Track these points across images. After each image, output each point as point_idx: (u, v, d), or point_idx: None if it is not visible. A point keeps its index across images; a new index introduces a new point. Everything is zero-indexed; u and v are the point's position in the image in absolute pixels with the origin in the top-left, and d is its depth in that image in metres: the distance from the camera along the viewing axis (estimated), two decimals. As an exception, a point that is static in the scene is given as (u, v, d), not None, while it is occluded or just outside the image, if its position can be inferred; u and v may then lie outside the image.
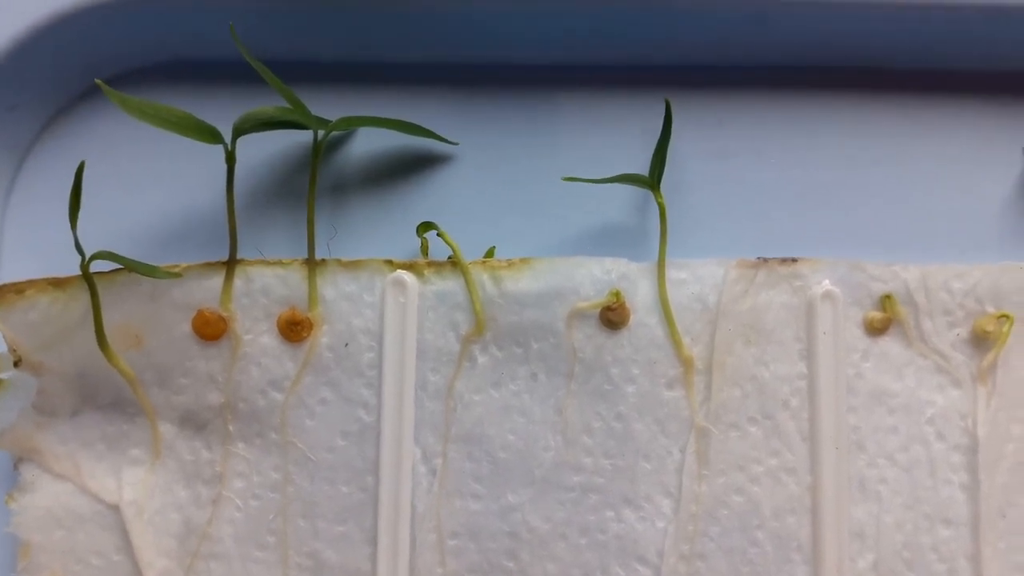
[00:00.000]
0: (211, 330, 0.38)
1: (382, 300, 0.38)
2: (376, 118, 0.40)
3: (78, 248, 0.36)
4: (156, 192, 0.41)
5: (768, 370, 0.39)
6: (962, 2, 0.39)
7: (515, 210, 0.41)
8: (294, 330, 0.38)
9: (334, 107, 0.40)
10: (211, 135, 0.37)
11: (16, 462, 0.38)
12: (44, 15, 0.39)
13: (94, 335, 0.37)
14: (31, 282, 0.38)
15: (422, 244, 0.40)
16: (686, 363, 0.38)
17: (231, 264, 0.38)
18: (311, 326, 0.38)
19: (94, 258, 0.36)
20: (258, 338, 0.38)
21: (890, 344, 0.39)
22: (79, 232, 0.36)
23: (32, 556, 0.38)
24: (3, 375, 0.39)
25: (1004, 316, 0.39)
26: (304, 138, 0.41)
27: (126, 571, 0.38)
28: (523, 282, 0.38)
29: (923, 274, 0.39)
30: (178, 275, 0.38)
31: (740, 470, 0.38)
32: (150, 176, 0.41)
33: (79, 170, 0.35)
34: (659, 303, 0.39)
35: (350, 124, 0.40)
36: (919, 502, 0.38)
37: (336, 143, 0.42)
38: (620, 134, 0.42)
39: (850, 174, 0.42)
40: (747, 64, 0.42)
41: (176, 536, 0.38)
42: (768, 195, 0.42)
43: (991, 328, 0.39)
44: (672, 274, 0.39)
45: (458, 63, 0.42)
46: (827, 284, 0.39)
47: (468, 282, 0.38)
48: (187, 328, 0.38)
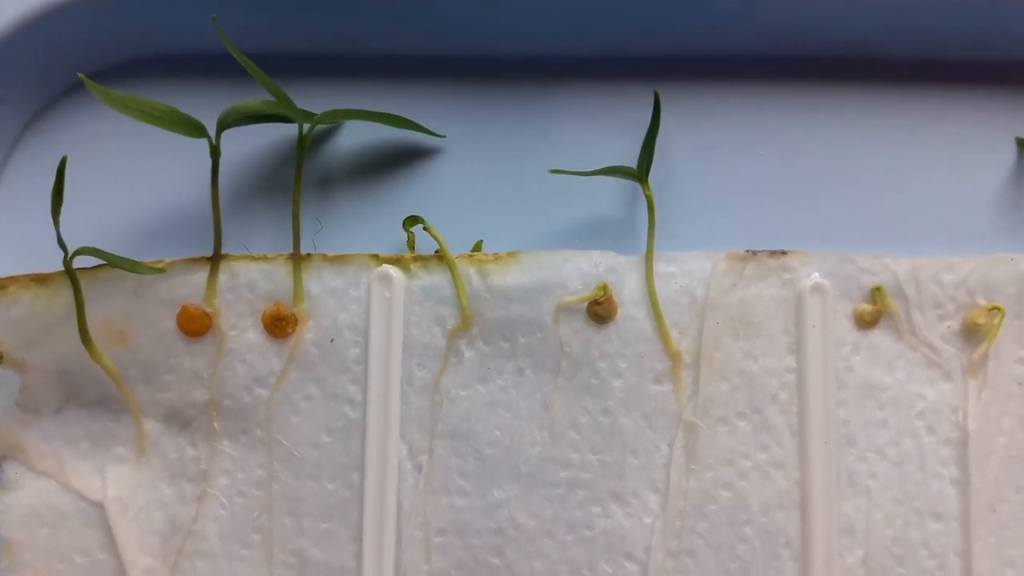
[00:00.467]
0: (196, 326, 0.38)
1: (368, 295, 0.38)
2: (362, 111, 0.40)
3: (61, 244, 0.35)
4: (140, 187, 0.41)
5: (757, 364, 0.38)
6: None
7: (502, 203, 0.41)
8: (279, 326, 0.38)
9: (320, 100, 0.40)
10: (195, 129, 0.37)
11: (-1, 460, 0.38)
12: (28, 10, 0.39)
13: (77, 332, 0.37)
14: (13, 278, 0.38)
15: (408, 238, 0.40)
16: (674, 357, 0.38)
17: (216, 259, 0.38)
18: (296, 321, 0.38)
19: (77, 254, 0.36)
20: (243, 334, 0.38)
21: (880, 337, 0.39)
22: (63, 228, 0.35)
23: (15, 554, 0.37)
24: (-14, 372, 0.38)
25: (995, 308, 0.39)
26: (289, 132, 0.41)
27: (110, 569, 0.38)
28: (510, 276, 0.38)
29: (914, 266, 0.39)
30: (162, 270, 0.37)
31: (728, 465, 0.38)
32: (134, 171, 0.41)
33: (61, 165, 0.35)
34: (647, 297, 0.38)
35: (336, 117, 0.39)
36: (909, 497, 0.38)
37: (322, 137, 0.42)
38: (608, 126, 0.42)
39: (840, 165, 0.42)
40: (736, 55, 0.42)
41: (161, 534, 0.38)
42: (757, 187, 0.42)
43: (982, 321, 0.38)
44: (660, 267, 0.39)
45: (445, 55, 0.42)
46: (816, 277, 0.39)
47: (455, 276, 0.38)
48: (172, 324, 0.38)
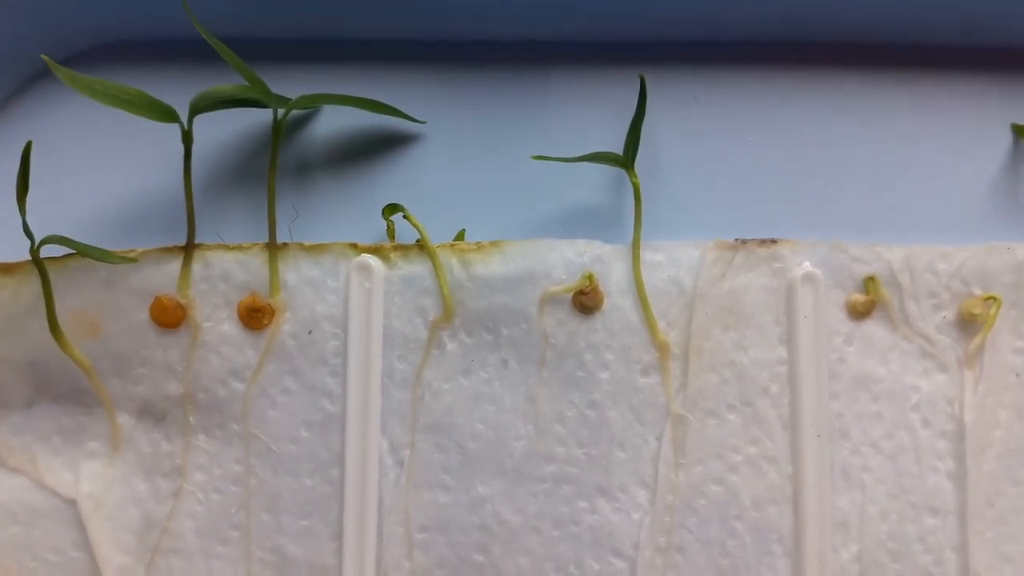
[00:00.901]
0: (169, 317, 0.37)
1: (346, 285, 0.38)
2: (339, 96, 0.39)
3: (27, 232, 0.35)
4: (111, 175, 0.40)
5: (747, 355, 0.38)
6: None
7: (485, 191, 0.41)
8: (255, 317, 0.37)
9: (296, 86, 0.39)
10: (166, 114, 0.36)
11: (-32, 456, 0.37)
12: (-7, -7, 0.38)
13: (46, 323, 0.36)
14: (-22, 268, 0.37)
15: (388, 227, 0.39)
16: (662, 348, 0.38)
17: (189, 249, 0.38)
18: (273, 313, 0.37)
19: (44, 242, 0.35)
20: (218, 326, 0.38)
21: (874, 328, 0.38)
22: (31, 216, 0.35)
23: (-16, 553, 0.37)
24: (-46, 366, 0.38)
25: (991, 298, 0.38)
26: (264, 117, 0.40)
27: (84, 568, 0.37)
28: (493, 266, 0.38)
29: (907, 255, 0.39)
30: (133, 260, 0.37)
31: (718, 459, 0.37)
32: (104, 158, 0.40)
33: (26, 151, 0.35)
34: (634, 286, 0.38)
35: (312, 102, 0.39)
36: (904, 491, 0.38)
37: (298, 123, 0.41)
38: (593, 112, 0.41)
39: (831, 152, 0.41)
40: (724, 39, 0.41)
41: (135, 531, 0.37)
42: (747, 174, 0.41)
43: (978, 311, 0.38)
44: (647, 256, 0.38)
45: (425, 39, 0.41)
46: (808, 266, 0.38)
47: (436, 266, 0.38)
48: (144, 316, 0.38)
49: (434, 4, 0.40)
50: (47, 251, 0.35)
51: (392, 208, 0.39)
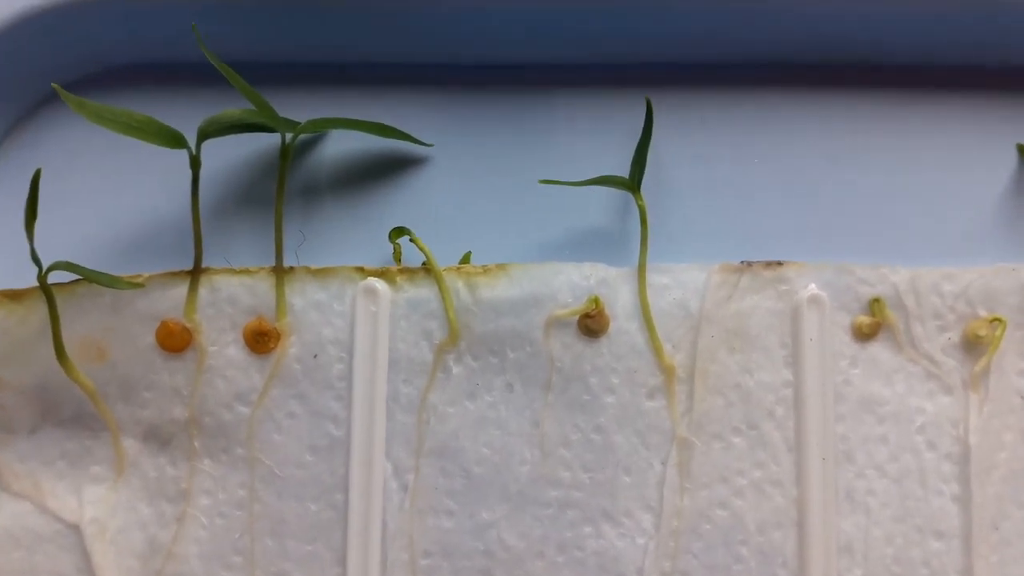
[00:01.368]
0: (175, 342, 0.37)
1: (353, 309, 0.38)
2: (347, 120, 0.39)
3: (35, 259, 0.35)
4: (118, 200, 0.40)
5: (752, 378, 0.38)
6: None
7: (491, 214, 0.41)
8: (261, 341, 0.37)
9: (303, 110, 0.39)
10: (174, 139, 0.36)
11: (-27, 480, 0.37)
12: (1, 19, 0.38)
13: (53, 348, 0.36)
14: (-14, 294, 0.37)
15: (395, 250, 0.39)
16: (667, 371, 0.38)
17: (196, 273, 0.38)
18: (279, 337, 0.37)
19: (52, 269, 0.35)
20: (224, 350, 0.37)
21: (879, 350, 0.38)
22: (39, 243, 0.35)
23: (-12, 578, 0.37)
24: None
25: (997, 320, 0.38)
26: (272, 142, 0.40)
27: (88, 593, 0.37)
28: (499, 289, 0.38)
29: (913, 277, 0.38)
30: (140, 285, 0.37)
31: (724, 483, 0.37)
32: (112, 184, 0.40)
33: (35, 178, 0.35)
34: (640, 309, 0.38)
35: (319, 126, 0.39)
36: (909, 514, 0.38)
37: (305, 147, 0.41)
38: (599, 135, 0.41)
39: (837, 174, 0.41)
40: (730, 62, 0.41)
41: (139, 556, 0.37)
42: (752, 197, 0.41)
43: (983, 332, 0.38)
44: (653, 279, 0.38)
45: (432, 63, 0.41)
46: (813, 288, 0.38)
47: (442, 289, 0.37)
48: (151, 340, 0.37)
49: (442, 28, 0.40)
50: (54, 277, 0.35)
51: (399, 231, 0.39)
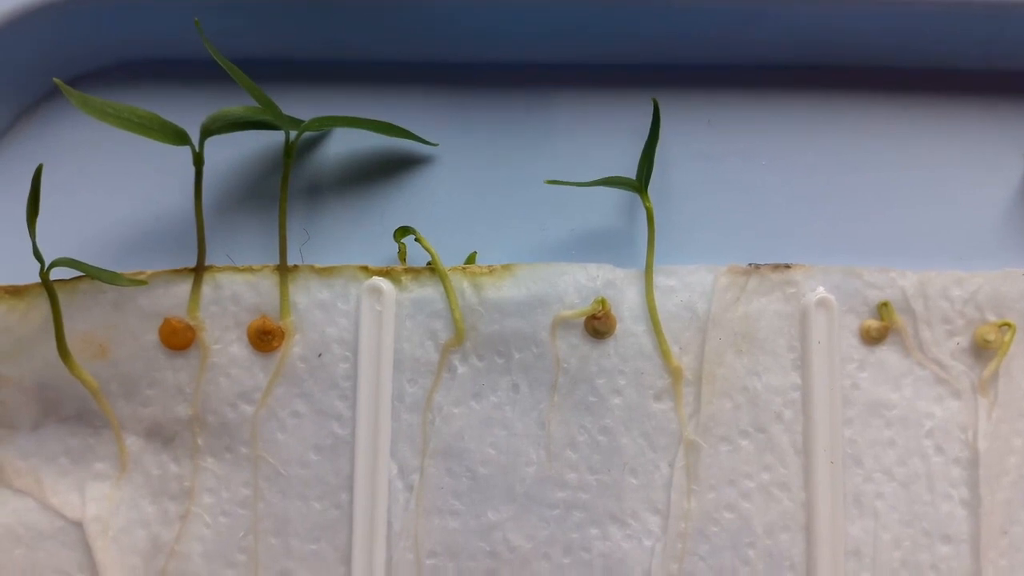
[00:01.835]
0: (178, 339, 0.37)
1: (357, 308, 0.37)
2: (351, 118, 0.39)
3: (37, 255, 0.35)
4: (121, 196, 0.40)
5: (760, 381, 0.38)
6: (961, -1, 0.39)
7: (497, 214, 0.40)
8: (265, 339, 0.37)
9: (308, 107, 0.39)
10: (177, 136, 0.36)
11: (-26, 477, 0.37)
12: (2, 14, 0.38)
13: (55, 345, 0.36)
14: (-12, 290, 0.37)
15: (400, 249, 0.39)
16: (675, 374, 0.37)
17: (199, 271, 0.37)
18: (283, 335, 0.37)
19: (54, 265, 0.35)
20: (227, 348, 0.37)
21: (887, 353, 0.38)
22: (41, 239, 0.35)
23: (-11, 576, 0.37)
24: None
25: (1006, 324, 0.38)
26: (276, 139, 0.40)
27: (90, 591, 0.37)
28: (505, 289, 0.37)
29: (921, 281, 0.38)
30: (143, 282, 0.36)
31: (731, 485, 0.37)
32: (115, 180, 0.40)
33: (37, 174, 0.34)
34: (646, 311, 0.38)
35: (324, 124, 0.38)
36: (917, 518, 0.37)
37: (310, 144, 0.41)
38: (606, 135, 0.41)
39: (845, 177, 0.41)
40: (738, 63, 0.41)
41: (142, 554, 0.37)
42: (760, 199, 0.41)
43: (992, 337, 0.38)
44: (660, 281, 0.38)
45: (437, 61, 0.41)
46: (821, 291, 0.38)
47: (447, 289, 0.37)
48: (154, 337, 0.37)
49: (447, 26, 0.40)
50: (57, 273, 0.35)
51: (404, 231, 0.39)
